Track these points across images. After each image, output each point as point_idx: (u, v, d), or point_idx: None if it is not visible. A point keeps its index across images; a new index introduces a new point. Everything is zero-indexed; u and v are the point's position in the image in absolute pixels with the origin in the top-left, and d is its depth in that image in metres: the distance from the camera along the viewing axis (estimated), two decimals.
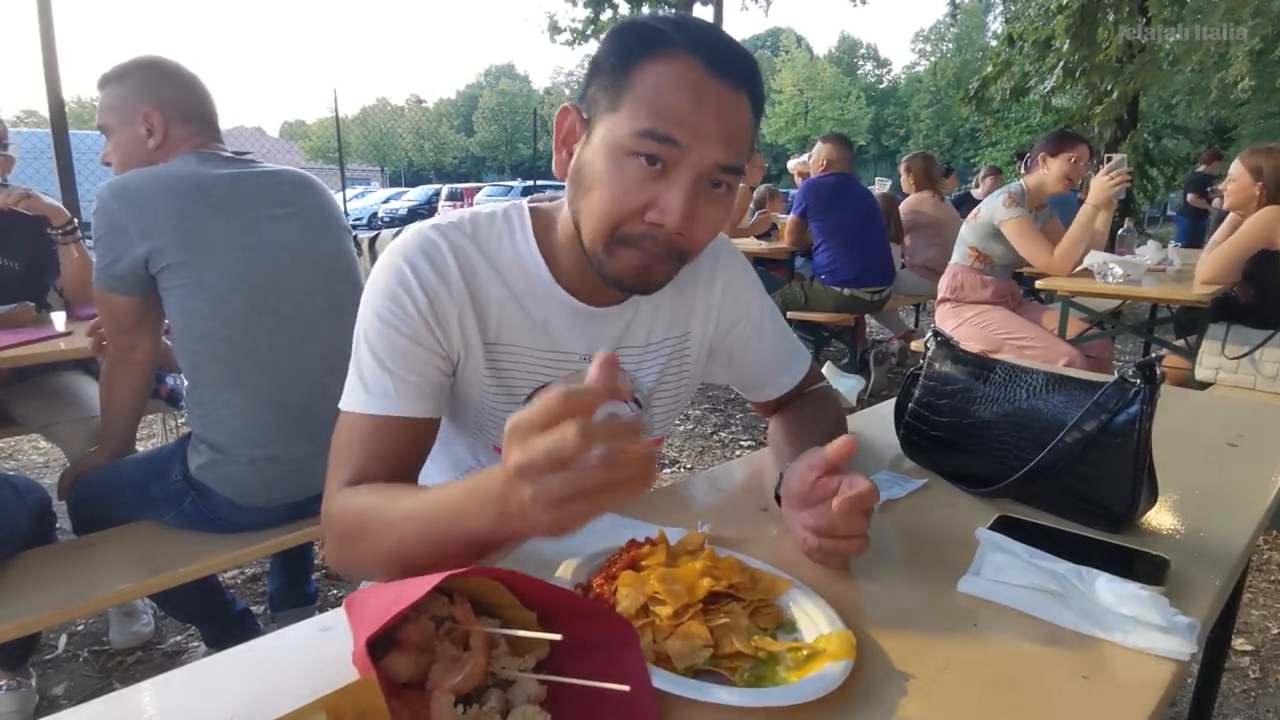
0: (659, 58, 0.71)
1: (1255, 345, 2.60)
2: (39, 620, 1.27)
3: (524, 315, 0.85)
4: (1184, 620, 0.62)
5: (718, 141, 0.72)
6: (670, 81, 0.71)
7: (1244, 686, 1.80)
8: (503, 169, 43.90)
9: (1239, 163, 2.74)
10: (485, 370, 0.85)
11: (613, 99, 0.73)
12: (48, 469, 3.12)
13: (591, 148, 0.75)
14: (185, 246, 1.37)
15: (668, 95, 0.71)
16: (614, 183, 0.73)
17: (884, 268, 3.98)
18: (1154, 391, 0.80)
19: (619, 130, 0.72)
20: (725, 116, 0.72)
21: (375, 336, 0.78)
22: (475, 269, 0.82)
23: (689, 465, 3.26)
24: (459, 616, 0.53)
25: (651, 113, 0.70)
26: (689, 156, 0.72)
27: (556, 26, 16.08)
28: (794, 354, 1.06)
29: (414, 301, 0.78)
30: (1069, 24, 9.77)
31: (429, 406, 0.80)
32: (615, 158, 0.72)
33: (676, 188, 0.72)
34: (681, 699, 0.53)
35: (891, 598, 0.70)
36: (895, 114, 43.18)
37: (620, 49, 0.74)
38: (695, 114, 0.71)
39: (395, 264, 0.80)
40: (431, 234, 0.82)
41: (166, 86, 1.49)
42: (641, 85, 0.71)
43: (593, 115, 0.75)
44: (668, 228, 0.73)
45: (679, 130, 0.71)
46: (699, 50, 0.71)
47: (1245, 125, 18.84)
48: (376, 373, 0.77)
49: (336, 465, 0.77)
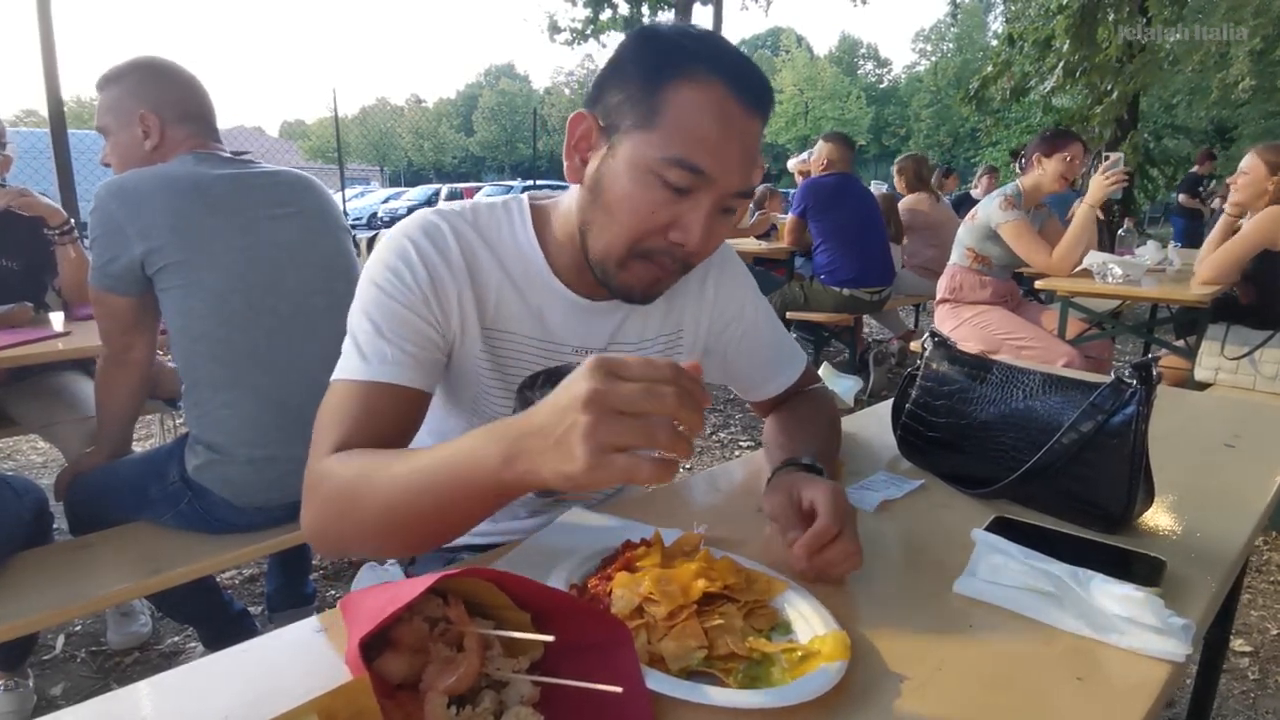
0: (691, 82, 0.72)
1: (1255, 346, 2.60)
2: (36, 621, 1.26)
3: (521, 302, 0.86)
4: (1179, 622, 0.62)
5: (740, 171, 0.74)
6: (704, 110, 0.72)
7: (1243, 687, 1.80)
8: (502, 169, 43.89)
9: (1255, 156, 2.70)
10: (481, 353, 0.86)
11: (642, 117, 0.73)
12: (45, 469, 3.12)
13: (615, 162, 0.75)
14: (183, 247, 1.37)
15: (697, 122, 0.72)
16: (640, 203, 0.74)
17: (884, 268, 3.98)
18: (1150, 392, 0.80)
19: (649, 152, 0.72)
20: (748, 145, 0.75)
21: (373, 306, 0.78)
22: (475, 252, 0.83)
23: (687, 465, 3.26)
24: (453, 617, 0.53)
25: (684, 142, 0.71)
26: (714, 185, 0.73)
27: (556, 26, 16.10)
28: (790, 354, 1.06)
29: (414, 275, 0.79)
30: (1069, 24, 9.77)
31: (422, 379, 0.79)
32: (643, 178, 0.73)
33: (699, 210, 0.74)
34: (675, 700, 0.53)
35: (887, 598, 0.70)
36: (896, 114, 43.18)
37: (647, 64, 0.73)
38: (724, 145, 0.72)
39: (397, 241, 0.81)
40: (434, 217, 0.83)
41: (163, 88, 1.49)
42: (675, 109, 0.72)
43: (615, 126, 0.75)
44: (688, 248, 0.76)
45: (709, 161, 0.72)
46: (730, 79, 0.72)
47: (1246, 125, 18.84)
48: (373, 339, 0.77)
49: (323, 431, 0.74)
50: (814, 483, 0.75)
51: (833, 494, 0.72)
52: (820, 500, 0.71)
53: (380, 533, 0.67)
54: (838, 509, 0.70)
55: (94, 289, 1.42)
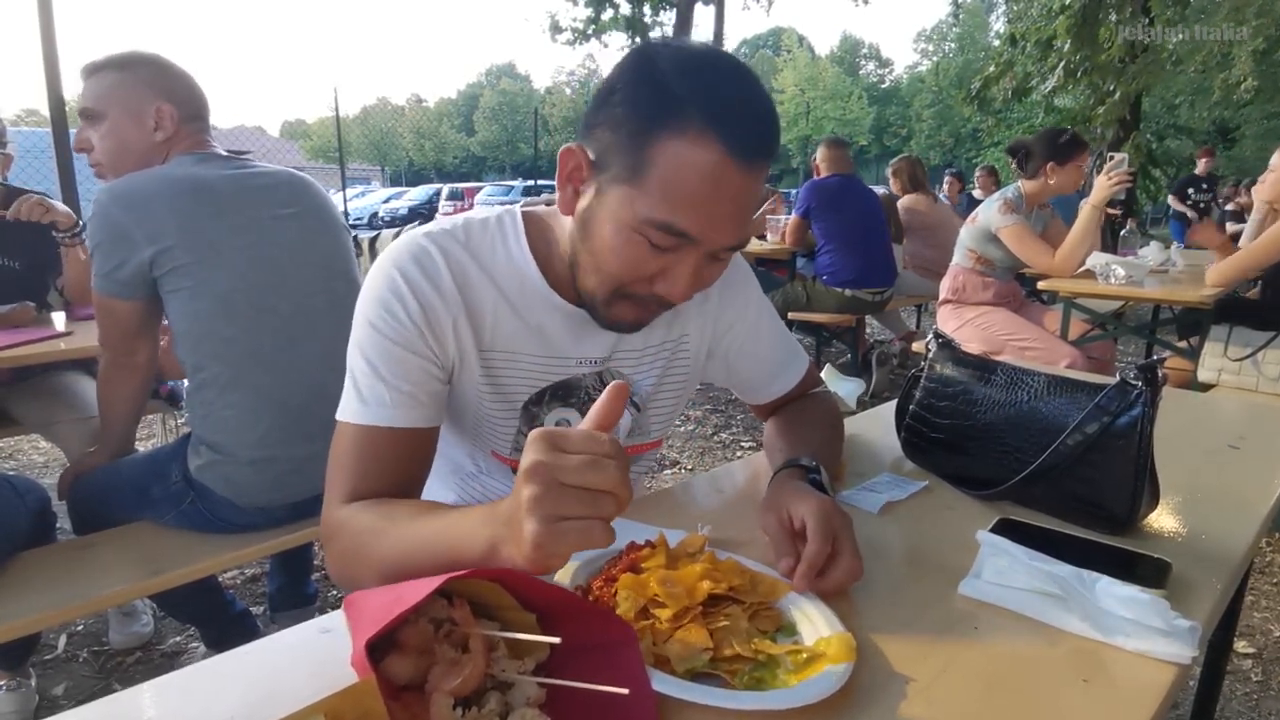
0: (682, 137, 0.66)
1: (1258, 347, 2.59)
2: (39, 620, 1.26)
3: (519, 321, 0.84)
4: (1185, 624, 0.61)
5: (731, 230, 0.71)
6: (693, 171, 0.67)
7: (1246, 690, 1.79)
8: (503, 169, 43.89)
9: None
10: (480, 376, 0.85)
11: (628, 168, 0.69)
12: (47, 469, 3.12)
13: (602, 210, 0.72)
14: (191, 248, 1.37)
15: (689, 186, 0.67)
16: (623, 257, 0.73)
17: (886, 269, 3.98)
18: (1155, 394, 0.80)
19: (633, 209, 0.69)
20: (742, 203, 0.70)
21: (369, 345, 0.78)
22: (468, 275, 0.82)
23: (690, 467, 3.26)
24: (458, 619, 0.53)
25: (670, 205, 0.68)
26: (701, 244, 0.71)
27: (557, 26, 16.12)
28: (792, 357, 1.05)
29: (406, 310, 0.78)
30: (1071, 24, 9.76)
31: (426, 415, 0.79)
32: (625, 234, 0.71)
33: (685, 266, 0.73)
34: (681, 702, 0.53)
35: (892, 600, 0.70)
36: (897, 114, 43.18)
37: (639, 109, 0.68)
38: (714, 207, 0.69)
39: (387, 272, 0.79)
40: (423, 241, 0.81)
41: (177, 84, 1.49)
42: (661, 167, 0.67)
43: (603, 165, 0.71)
44: (673, 300, 0.75)
45: (695, 225, 0.69)
46: (725, 133, 0.66)
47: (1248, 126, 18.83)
48: (371, 382, 0.77)
49: (334, 477, 0.76)
50: (804, 499, 0.73)
51: (821, 512, 0.70)
52: (810, 519, 0.70)
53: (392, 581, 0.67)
54: (827, 528, 0.69)
55: (99, 295, 1.41)
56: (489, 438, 0.90)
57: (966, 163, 32.05)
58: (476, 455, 0.94)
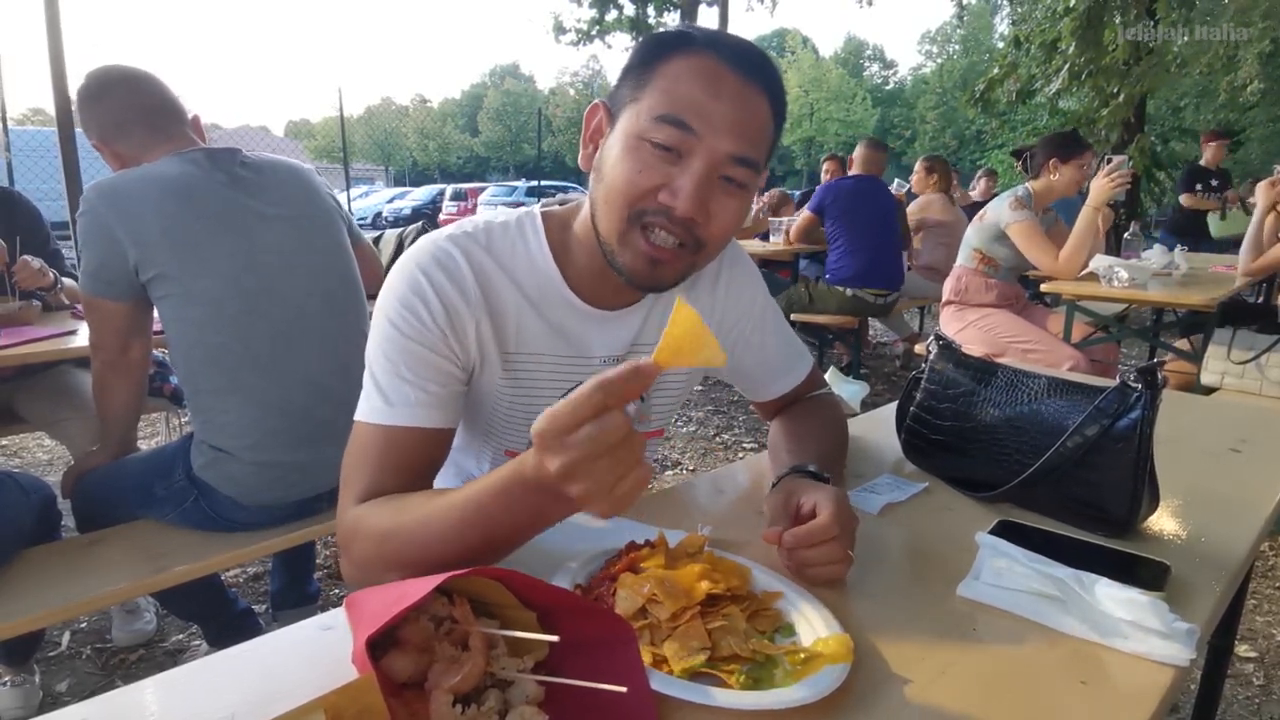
0: (683, 53, 0.74)
1: (1261, 350, 2.59)
2: (43, 617, 1.27)
3: (542, 322, 0.85)
4: (1184, 626, 0.62)
5: (731, 132, 0.73)
6: (688, 72, 0.73)
7: (1248, 693, 1.79)
8: (507, 169, 43.91)
9: None
10: (502, 379, 0.85)
11: (635, 92, 0.75)
12: (52, 466, 3.14)
13: (612, 138, 0.77)
14: (176, 255, 1.35)
15: (684, 83, 0.73)
16: (629, 165, 0.74)
17: (893, 271, 3.98)
18: (1155, 396, 0.80)
19: (638, 119, 0.74)
20: (740, 108, 0.74)
21: (391, 347, 0.78)
22: (490, 278, 0.82)
23: (691, 467, 3.26)
24: (458, 617, 0.53)
25: (668, 99, 0.73)
26: (702, 144, 0.73)
27: (561, 27, 16.11)
28: (796, 356, 1.06)
29: (430, 312, 0.78)
30: (1075, 26, 9.74)
31: (446, 416, 0.79)
32: (634, 144, 0.74)
33: (689, 172, 0.73)
34: (679, 701, 0.53)
35: (890, 601, 0.70)
36: (901, 115, 43.13)
37: (647, 50, 0.77)
38: (710, 102, 0.72)
39: (411, 274, 0.79)
40: (446, 244, 0.81)
41: (96, 110, 1.48)
42: (664, 76, 0.74)
43: (617, 110, 0.78)
44: (678, 211, 0.73)
45: (693, 116, 0.72)
46: (721, 48, 0.74)
47: (1254, 128, 18.76)
48: (394, 382, 0.76)
49: (351, 477, 0.75)
50: (819, 488, 0.75)
51: (838, 500, 0.72)
52: (824, 504, 0.71)
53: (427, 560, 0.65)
54: (841, 515, 0.70)
55: (86, 295, 1.39)
56: (503, 437, 0.91)
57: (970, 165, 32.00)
58: (483, 457, 0.95)
